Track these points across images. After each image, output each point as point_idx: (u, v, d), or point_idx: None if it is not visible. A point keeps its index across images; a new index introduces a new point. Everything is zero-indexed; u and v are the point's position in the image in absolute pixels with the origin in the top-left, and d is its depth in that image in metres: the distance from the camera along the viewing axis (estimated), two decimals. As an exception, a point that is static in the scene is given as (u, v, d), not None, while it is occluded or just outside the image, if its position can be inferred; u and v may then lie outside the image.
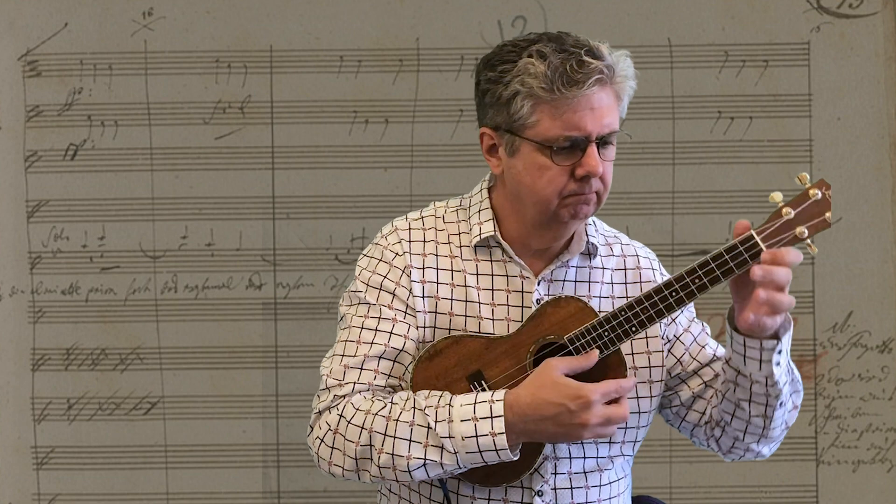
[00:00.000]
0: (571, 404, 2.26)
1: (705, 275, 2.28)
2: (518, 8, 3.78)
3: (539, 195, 2.35)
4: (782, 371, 2.35)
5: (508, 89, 2.32)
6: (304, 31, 3.80)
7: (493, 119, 2.37)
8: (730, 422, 2.43)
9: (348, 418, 2.34)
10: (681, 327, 2.49)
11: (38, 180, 3.80)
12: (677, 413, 2.52)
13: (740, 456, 2.50)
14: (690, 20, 3.78)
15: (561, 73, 2.28)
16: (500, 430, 2.26)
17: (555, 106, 2.30)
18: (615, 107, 2.36)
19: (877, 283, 3.77)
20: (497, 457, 2.29)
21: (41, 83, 3.79)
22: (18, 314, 3.80)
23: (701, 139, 3.79)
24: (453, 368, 2.36)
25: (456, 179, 2.63)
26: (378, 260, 2.44)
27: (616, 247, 2.51)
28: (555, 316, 2.35)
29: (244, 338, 3.80)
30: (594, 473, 2.42)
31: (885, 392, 3.78)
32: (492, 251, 2.43)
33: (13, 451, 3.80)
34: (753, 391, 2.36)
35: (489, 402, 2.28)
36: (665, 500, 2.80)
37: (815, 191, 2.28)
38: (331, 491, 3.79)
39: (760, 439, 2.44)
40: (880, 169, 3.77)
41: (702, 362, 2.48)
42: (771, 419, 2.39)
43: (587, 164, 2.33)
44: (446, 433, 2.28)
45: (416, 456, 2.29)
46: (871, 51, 3.76)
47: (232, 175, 3.80)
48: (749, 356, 2.32)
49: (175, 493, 3.80)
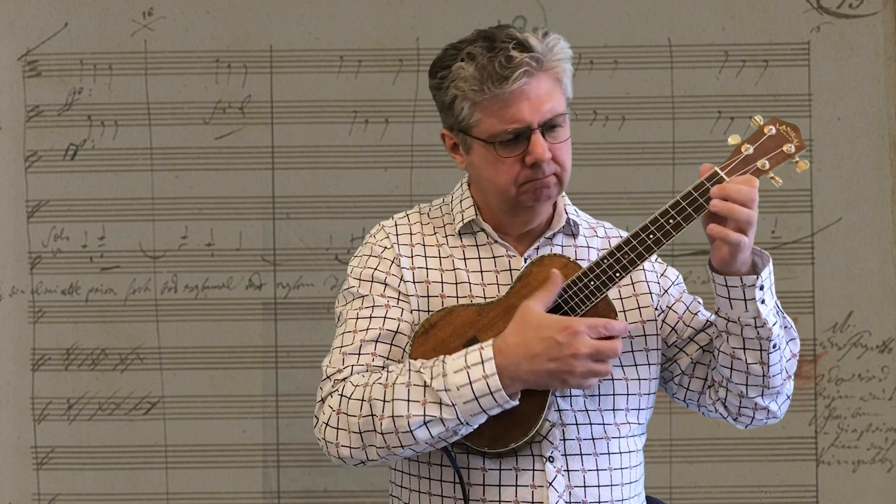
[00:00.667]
0: (558, 336, 2.30)
1: (678, 213, 2.35)
2: (518, 8, 3.78)
3: (497, 186, 2.44)
4: (769, 310, 2.39)
5: (448, 94, 2.43)
6: (304, 31, 3.80)
7: (446, 121, 2.49)
8: (730, 376, 2.45)
9: (349, 395, 2.37)
10: (673, 298, 2.55)
11: (38, 180, 3.80)
12: (680, 383, 2.55)
13: (751, 417, 2.51)
14: (690, 20, 3.78)
15: (489, 72, 2.37)
16: (493, 372, 2.30)
17: (490, 104, 2.40)
18: (555, 90, 2.42)
19: (877, 283, 3.77)
20: (494, 401, 2.31)
21: (41, 83, 3.79)
22: (18, 314, 3.80)
23: (701, 139, 3.79)
24: (449, 338, 2.39)
25: (456, 179, 2.64)
26: (368, 255, 2.52)
27: (600, 229, 2.60)
28: (541, 274, 2.40)
29: (244, 338, 3.80)
30: (602, 441, 2.44)
31: (885, 392, 3.78)
32: (476, 236, 2.52)
33: (13, 451, 3.80)
34: (745, 336, 2.40)
35: (479, 349, 2.33)
36: (665, 500, 2.80)
37: (769, 127, 2.40)
38: (331, 491, 3.79)
39: (764, 391, 2.46)
40: (880, 169, 3.77)
41: (696, 328, 2.53)
42: (768, 364, 2.42)
43: (534, 152, 2.40)
44: (441, 386, 2.31)
45: (416, 413, 2.32)
46: (871, 51, 3.76)
47: (232, 175, 3.80)
48: (733, 297, 2.37)
49: (175, 493, 3.80)
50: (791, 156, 2.39)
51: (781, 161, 2.40)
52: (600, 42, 3.78)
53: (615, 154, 3.78)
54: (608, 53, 3.77)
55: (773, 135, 2.40)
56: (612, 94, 3.76)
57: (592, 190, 3.76)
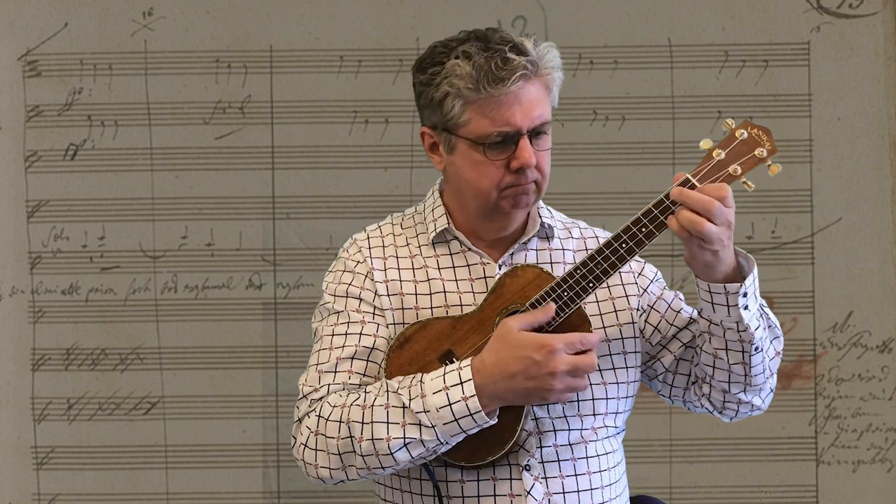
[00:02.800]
0: (535, 355, 2.30)
1: (650, 221, 2.36)
2: (518, 8, 3.78)
3: (478, 189, 2.43)
4: (752, 315, 2.38)
5: (439, 91, 2.40)
6: (304, 31, 3.80)
7: (430, 119, 2.46)
8: (712, 374, 2.46)
9: (326, 416, 2.37)
10: (654, 296, 2.55)
11: (38, 180, 3.80)
12: (664, 380, 2.55)
13: (735, 411, 2.52)
14: (690, 20, 3.78)
15: (486, 73, 2.36)
16: (472, 393, 2.30)
17: (483, 104, 2.38)
18: (545, 98, 2.42)
19: (877, 283, 3.77)
20: (473, 422, 2.31)
21: (41, 83, 3.79)
22: (18, 314, 3.80)
23: (701, 139, 3.79)
24: (424, 352, 2.39)
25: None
26: (342, 271, 2.52)
27: (575, 230, 2.58)
28: (514, 285, 2.40)
29: (244, 338, 3.80)
30: (579, 445, 2.44)
31: (885, 392, 3.78)
32: (450, 244, 2.51)
33: (13, 451, 3.80)
34: (728, 339, 2.40)
35: (457, 370, 2.32)
36: (665, 500, 2.80)
37: (740, 131, 2.39)
38: (331, 491, 3.79)
39: (746, 388, 2.46)
40: (880, 169, 3.77)
41: (679, 326, 2.53)
42: (750, 365, 2.42)
43: (521, 157, 2.39)
44: (421, 408, 2.31)
45: (396, 436, 2.32)
46: (871, 51, 3.76)
47: (232, 175, 3.80)
48: (716, 302, 2.37)
49: (175, 493, 3.80)
50: (763, 160, 2.38)
51: (754, 166, 2.38)
52: (600, 42, 3.78)
53: (615, 154, 3.78)
54: (608, 53, 3.77)
55: (745, 139, 2.39)
56: (612, 94, 3.76)
57: (592, 190, 3.76)
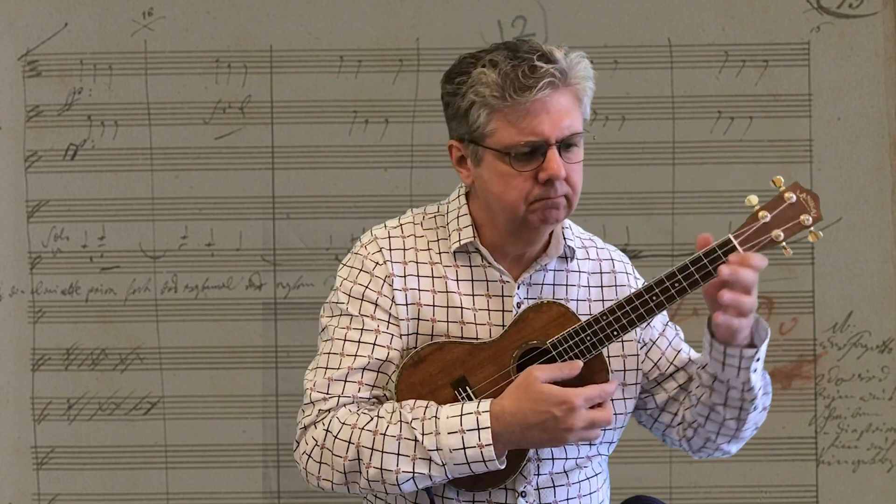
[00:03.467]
0: (556, 410, 2.28)
1: (685, 278, 2.31)
2: (518, 8, 3.78)
3: (506, 202, 2.37)
4: (758, 378, 2.39)
5: (465, 100, 2.35)
6: (304, 31, 3.80)
7: (457, 131, 2.41)
8: (703, 424, 2.47)
9: (335, 433, 2.35)
10: (656, 331, 2.52)
11: (38, 180, 3.80)
12: (650, 415, 2.56)
13: (709, 454, 2.55)
14: (690, 20, 3.78)
15: (512, 80, 2.30)
16: (488, 442, 2.29)
17: (509, 112, 2.32)
18: (575, 109, 2.36)
19: (877, 283, 3.77)
20: (485, 467, 2.31)
21: (41, 83, 3.79)
22: (18, 314, 3.80)
23: (701, 139, 3.79)
24: (437, 375, 2.37)
25: (456, 179, 2.63)
26: (359, 270, 2.45)
27: (591, 250, 2.54)
28: (537, 321, 2.37)
29: (244, 338, 3.80)
30: (574, 472, 2.46)
31: (885, 392, 3.78)
32: (471, 257, 2.45)
33: (13, 451, 3.80)
34: (729, 396, 2.40)
35: (475, 413, 2.30)
36: (665, 500, 2.80)
37: (789, 194, 2.33)
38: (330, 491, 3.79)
39: (731, 440, 2.49)
40: (880, 169, 3.77)
41: (678, 366, 2.52)
42: (744, 422, 2.44)
43: (549, 168, 2.33)
44: (434, 446, 2.30)
45: (405, 470, 2.31)
46: (871, 51, 3.76)
47: (232, 175, 3.80)
48: (728, 363, 2.35)
49: (175, 493, 3.80)
50: (807, 227, 2.32)
51: (796, 232, 2.33)
52: (600, 42, 3.77)
53: (615, 154, 3.78)
54: (608, 53, 3.77)
55: (794, 203, 2.32)
56: (612, 94, 3.76)
57: (592, 190, 3.75)
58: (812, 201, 2.32)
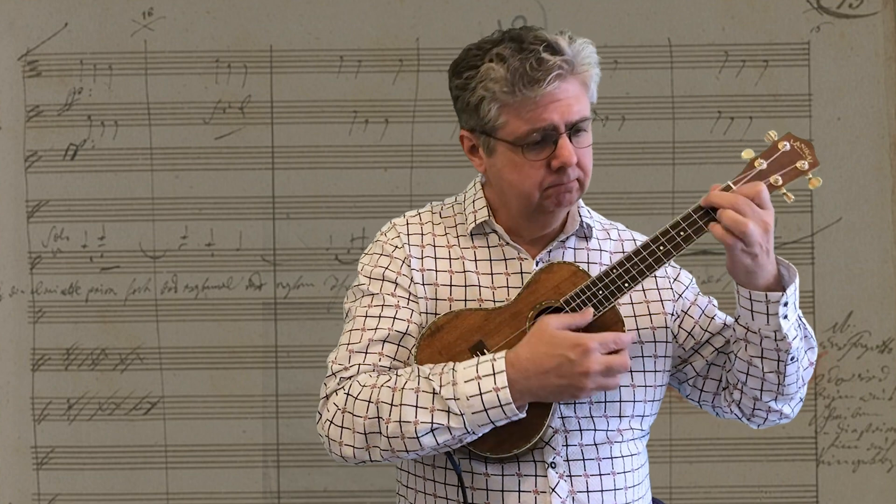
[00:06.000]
0: (571, 353, 2.30)
1: (689, 226, 2.36)
2: (518, 8, 3.78)
3: (520, 190, 2.42)
4: (790, 325, 2.38)
5: (475, 95, 2.40)
6: (304, 31, 3.80)
7: (468, 122, 2.45)
8: (745, 381, 2.46)
9: (355, 395, 2.36)
10: (688, 301, 2.54)
11: (38, 180, 3.80)
12: (694, 384, 2.55)
13: (764, 419, 2.52)
14: (690, 20, 3.78)
15: (521, 75, 2.34)
16: (504, 385, 2.30)
17: (519, 106, 2.37)
18: (582, 94, 2.41)
19: (877, 283, 3.77)
20: (503, 413, 2.31)
21: (41, 83, 3.79)
22: (18, 314, 3.80)
23: (701, 139, 3.79)
24: (456, 342, 2.39)
25: (456, 179, 2.63)
26: (379, 254, 2.50)
27: (613, 232, 2.58)
28: (549, 281, 2.41)
29: (244, 338, 3.80)
30: (605, 446, 2.44)
31: (885, 392, 3.78)
32: (488, 237, 2.50)
33: (13, 451, 3.80)
34: (764, 347, 2.40)
35: (490, 360, 2.33)
36: (665, 500, 2.80)
37: (783, 143, 2.40)
38: (331, 491, 3.79)
39: (778, 396, 2.46)
40: (880, 169, 3.77)
41: (712, 332, 2.53)
42: (784, 374, 2.43)
43: (561, 156, 2.38)
44: (451, 395, 2.31)
45: (424, 420, 2.32)
46: (871, 51, 3.76)
47: (232, 175, 3.81)
48: (756, 310, 2.37)
49: (175, 493, 3.80)
50: (804, 172, 2.39)
51: (794, 177, 2.39)
52: (600, 42, 3.74)
53: (615, 154, 3.78)
54: (608, 53, 3.77)
55: (788, 151, 2.39)
56: (612, 94, 3.76)
57: (592, 190, 3.72)
58: (807, 148, 2.40)
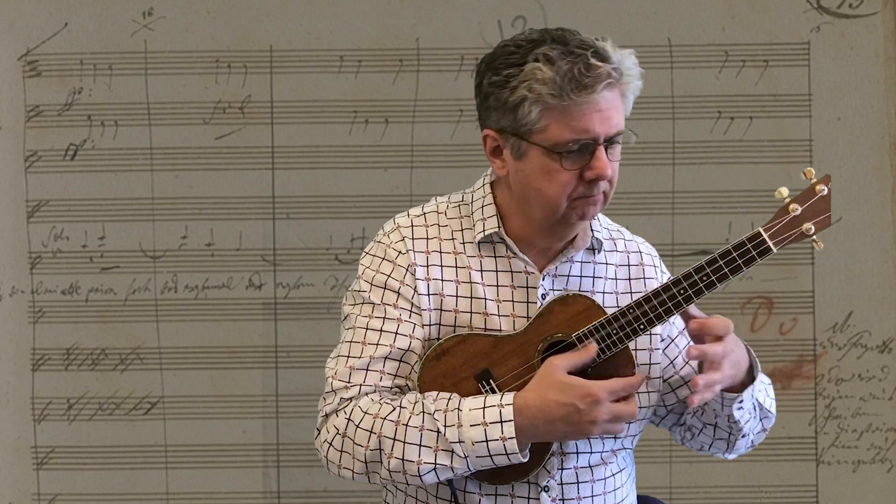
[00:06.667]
0: (580, 403, 2.28)
1: (714, 272, 2.30)
2: (518, 8, 3.78)
3: (548, 198, 2.34)
4: (744, 413, 2.41)
5: (515, 94, 2.30)
6: (304, 31, 3.80)
7: (498, 122, 2.35)
8: (697, 435, 2.51)
9: (356, 422, 2.34)
10: (676, 329, 2.50)
11: (38, 180, 3.80)
12: (656, 412, 2.54)
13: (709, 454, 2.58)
14: (690, 20, 3.78)
15: (570, 79, 2.26)
16: (511, 435, 2.28)
17: (564, 111, 2.28)
18: (621, 106, 2.34)
19: (877, 283, 3.77)
20: (507, 460, 2.30)
21: (41, 83, 3.79)
22: (18, 314, 3.80)
23: (701, 139, 3.79)
24: (461, 367, 2.35)
25: (456, 179, 2.63)
26: (381, 258, 2.42)
27: (619, 242, 2.51)
28: (563, 314, 2.35)
29: (244, 338, 3.80)
30: (599, 467, 2.44)
31: (885, 392, 3.78)
32: (495, 247, 2.42)
33: (13, 451, 3.80)
34: (718, 423, 2.45)
35: (498, 406, 2.29)
36: (665, 500, 2.80)
37: (821, 186, 2.31)
38: (331, 491, 3.79)
39: (726, 452, 2.53)
40: (880, 169, 3.77)
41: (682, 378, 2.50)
42: (734, 443, 2.49)
43: (597, 168, 2.32)
44: (456, 438, 2.29)
45: (427, 461, 2.30)
46: (871, 51, 3.76)
47: (232, 175, 3.80)
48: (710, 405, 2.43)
49: (175, 493, 3.80)
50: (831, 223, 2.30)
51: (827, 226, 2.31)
52: (600, 42, 3.77)
53: (616, 154, 3.78)
54: (608, 53, 3.77)
55: (825, 195, 2.30)
56: (612, 94, 3.76)
57: (592, 190, 3.75)
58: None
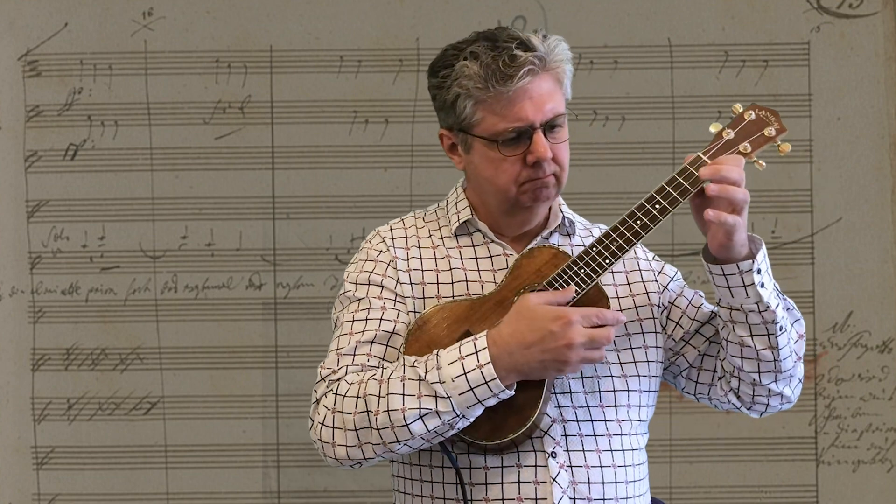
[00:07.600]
0: (552, 325, 2.31)
1: (664, 198, 2.42)
2: (518, 8, 3.78)
3: (497, 185, 2.46)
4: (769, 293, 2.41)
5: (450, 93, 2.44)
6: (304, 31, 3.80)
7: (446, 121, 2.50)
8: (741, 365, 2.46)
9: (343, 393, 2.38)
10: (674, 293, 2.56)
11: (38, 180, 3.80)
12: (688, 377, 2.55)
13: (765, 405, 2.51)
14: (690, 20, 3.78)
15: (493, 71, 2.39)
16: (486, 361, 2.31)
17: (493, 102, 2.41)
18: (556, 91, 2.45)
19: (877, 283, 3.77)
20: (489, 390, 2.31)
21: (41, 83, 3.79)
22: (18, 314, 3.80)
23: (701, 139, 3.78)
24: (443, 335, 2.40)
25: (456, 179, 2.64)
26: (364, 260, 2.53)
27: (595, 230, 2.61)
28: (530, 266, 2.43)
29: (244, 338, 3.80)
30: (604, 438, 2.45)
31: (885, 392, 3.78)
32: (472, 236, 2.53)
33: (13, 451, 3.80)
34: (751, 322, 2.42)
35: (473, 340, 2.35)
36: (665, 500, 2.80)
37: (749, 112, 2.47)
38: (331, 491, 3.79)
39: (777, 375, 2.46)
40: (880, 169, 3.77)
41: (701, 321, 2.54)
42: (778, 348, 2.43)
43: (535, 151, 2.42)
44: (436, 378, 2.32)
45: (411, 407, 2.32)
46: (871, 51, 3.77)
47: (232, 175, 3.81)
48: (732, 284, 2.39)
49: (175, 493, 3.80)
50: (772, 139, 2.44)
51: (763, 144, 2.45)
52: (600, 42, 3.78)
53: (615, 154, 3.78)
54: (608, 53, 3.77)
55: (754, 119, 2.45)
56: (612, 94, 3.76)
57: (592, 190, 3.76)
58: (773, 116, 2.46)
